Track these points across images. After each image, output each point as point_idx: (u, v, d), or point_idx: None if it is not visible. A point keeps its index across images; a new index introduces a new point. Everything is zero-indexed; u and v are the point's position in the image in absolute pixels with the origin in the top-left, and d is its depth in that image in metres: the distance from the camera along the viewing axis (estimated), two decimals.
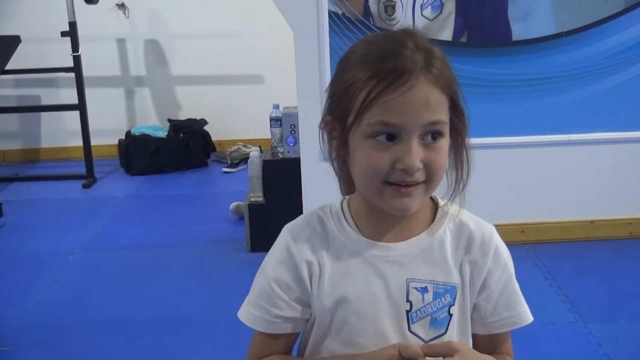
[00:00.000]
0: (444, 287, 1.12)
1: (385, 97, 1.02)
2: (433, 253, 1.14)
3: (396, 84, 1.02)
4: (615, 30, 3.56)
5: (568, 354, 2.69)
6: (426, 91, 1.03)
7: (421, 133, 1.04)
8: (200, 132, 5.80)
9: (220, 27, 5.90)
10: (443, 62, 1.07)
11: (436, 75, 1.04)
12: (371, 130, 1.04)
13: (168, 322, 3.03)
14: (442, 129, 1.06)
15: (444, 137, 1.07)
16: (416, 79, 1.03)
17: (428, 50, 1.06)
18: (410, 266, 1.13)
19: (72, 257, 3.82)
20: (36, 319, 3.12)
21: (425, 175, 1.06)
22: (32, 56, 5.63)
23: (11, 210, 4.62)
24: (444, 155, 1.08)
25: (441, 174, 1.09)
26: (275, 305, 1.14)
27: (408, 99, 1.02)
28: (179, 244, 3.97)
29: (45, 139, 6.13)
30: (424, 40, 1.08)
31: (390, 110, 1.03)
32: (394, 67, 1.03)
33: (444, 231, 1.16)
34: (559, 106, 3.60)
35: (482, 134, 3.55)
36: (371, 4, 3.52)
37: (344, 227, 1.16)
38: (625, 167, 3.66)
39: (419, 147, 1.04)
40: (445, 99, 1.06)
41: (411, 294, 1.12)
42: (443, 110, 1.06)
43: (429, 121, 1.04)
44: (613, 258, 3.55)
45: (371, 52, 1.06)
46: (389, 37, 1.09)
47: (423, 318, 1.12)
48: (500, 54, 3.59)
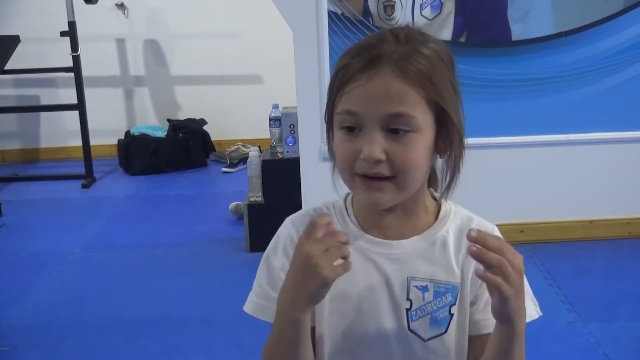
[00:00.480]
0: (445, 287, 1.12)
1: (351, 86, 1.04)
2: (435, 252, 1.14)
3: (361, 74, 1.04)
4: (614, 30, 3.56)
5: (567, 353, 2.69)
6: (389, 82, 1.03)
7: (383, 124, 1.03)
8: (200, 132, 5.80)
9: (220, 27, 5.90)
10: (428, 59, 1.05)
11: (410, 70, 1.03)
12: (340, 119, 1.07)
13: (167, 321, 3.03)
14: (407, 123, 1.04)
15: (415, 132, 1.05)
16: (381, 69, 1.03)
17: (413, 46, 1.05)
18: (411, 264, 1.13)
19: (71, 257, 3.82)
20: (35, 319, 3.12)
21: (392, 170, 1.05)
22: (32, 56, 5.63)
23: (10, 210, 4.61)
24: (414, 151, 1.05)
25: (412, 169, 1.06)
26: None
27: (368, 89, 1.03)
28: (178, 244, 3.97)
29: (45, 139, 6.13)
30: (415, 36, 1.07)
31: (353, 99, 1.04)
32: (364, 58, 1.04)
33: (447, 230, 1.15)
34: (558, 106, 3.60)
35: (481, 134, 3.56)
36: (370, 3, 3.52)
37: (346, 223, 1.16)
38: (625, 167, 3.66)
39: (381, 138, 1.03)
40: (419, 94, 1.04)
41: (412, 292, 1.12)
42: (411, 105, 1.04)
43: (388, 113, 1.03)
44: (612, 258, 3.55)
45: (354, 46, 1.08)
46: (377, 32, 1.11)
47: (423, 317, 1.12)
48: (500, 53, 3.59)
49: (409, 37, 1.07)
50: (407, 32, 1.08)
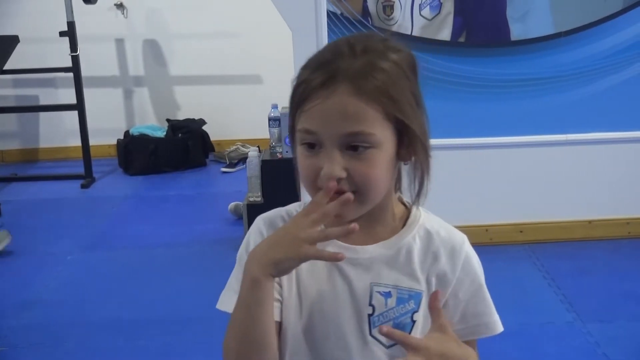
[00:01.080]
0: (408, 293, 1.11)
1: (309, 104, 1.04)
2: (399, 258, 1.13)
3: (319, 92, 1.03)
4: (613, 30, 3.56)
5: (566, 353, 2.69)
6: (345, 101, 1.02)
7: (341, 143, 1.03)
8: (199, 132, 5.80)
9: (219, 27, 5.90)
10: (387, 74, 1.04)
11: (366, 87, 1.02)
12: (300, 137, 1.06)
13: (167, 321, 3.03)
14: (365, 140, 1.03)
15: (375, 148, 1.04)
16: (337, 88, 1.02)
17: (370, 59, 1.04)
18: (375, 270, 1.12)
19: (70, 257, 3.82)
20: (35, 319, 3.12)
21: (353, 186, 1.04)
22: (31, 56, 5.63)
23: (10, 211, 4.61)
24: (374, 167, 1.04)
25: (374, 185, 1.05)
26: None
27: (326, 108, 1.02)
28: (178, 243, 3.97)
29: (44, 139, 6.13)
30: (372, 47, 1.06)
31: (311, 118, 1.04)
32: (321, 74, 1.03)
33: (413, 237, 1.14)
34: (558, 106, 3.61)
35: (480, 134, 3.56)
36: (370, 3, 3.52)
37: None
38: (624, 167, 3.67)
39: (340, 156, 1.03)
40: (376, 111, 1.03)
41: (374, 298, 1.11)
42: (369, 122, 1.02)
43: (346, 132, 1.02)
44: (611, 258, 3.55)
45: (313, 58, 1.08)
46: (333, 44, 1.09)
47: (385, 323, 1.11)
48: (499, 54, 3.59)
49: (367, 48, 1.05)
50: (365, 44, 1.06)
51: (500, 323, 1.18)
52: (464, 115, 3.57)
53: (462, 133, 3.56)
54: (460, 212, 3.55)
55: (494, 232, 3.69)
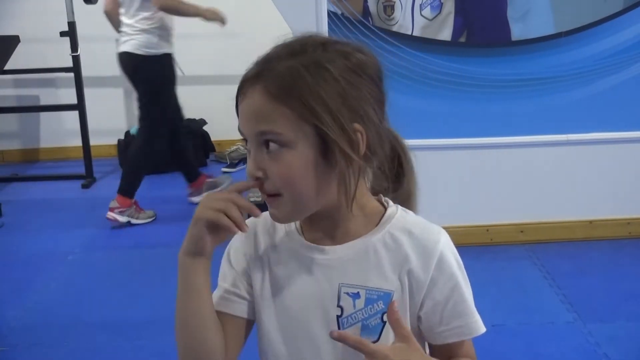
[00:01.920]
0: (377, 294, 1.09)
1: (239, 101, 1.09)
2: (368, 258, 1.11)
3: (243, 89, 1.07)
4: (614, 30, 3.56)
5: (567, 353, 2.69)
6: (259, 100, 1.04)
7: (257, 141, 1.06)
8: (200, 132, 5.79)
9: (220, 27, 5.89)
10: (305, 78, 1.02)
11: (276, 88, 1.03)
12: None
13: (168, 322, 3.00)
14: (275, 140, 1.04)
15: (288, 148, 1.03)
16: (255, 87, 1.05)
17: (293, 64, 1.04)
18: (343, 270, 1.10)
19: (71, 257, 3.82)
20: (35, 319, 3.12)
21: (273, 187, 1.07)
22: (31, 56, 5.63)
23: (10, 211, 4.61)
24: (288, 167, 1.04)
25: (293, 185, 1.05)
26: (232, 284, 1.18)
27: (245, 106, 1.07)
28: (179, 244, 3.92)
29: (45, 139, 6.13)
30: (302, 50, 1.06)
31: (239, 117, 1.09)
32: (249, 74, 1.07)
33: (383, 236, 1.11)
34: (558, 106, 3.60)
35: (481, 134, 3.56)
36: (370, 4, 3.52)
37: (291, 229, 1.17)
38: (625, 167, 3.66)
39: (258, 155, 1.06)
40: (286, 112, 1.02)
41: (342, 299, 1.10)
42: (277, 122, 1.03)
43: (257, 131, 1.05)
44: (612, 258, 3.55)
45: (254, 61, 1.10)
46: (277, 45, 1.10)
47: (354, 324, 1.09)
48: (499, 54, 3.59)
49: (295, 51, 1.06)
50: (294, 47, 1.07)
51: (481, 323, 1.14)
52: (464, 115, 3.56)
53: (462, 133, 3.55)
54: (460, 212, 3.56)
55: (494, 232, 3.69)
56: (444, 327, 1.11)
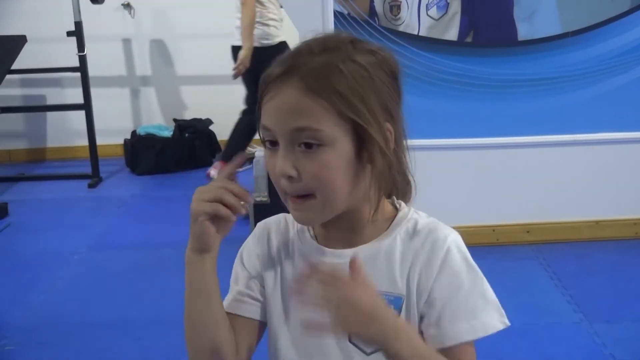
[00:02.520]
0: (387, 298, 1.05)
1: (265, 99, 1.03)
2: (379, 262, 1.08)
3: (272, 87, 1.02)
4: (621, 30, 3.55)
5: (573, 354, 2.69)
6: (294, 96, 1.00)
7: (292, 139, 1.01)
8: (206, 132, 5.80)
9: (226, 26, 5.88)
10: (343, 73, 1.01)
11: (315, 82, 1.00)
12: (262, 134, 1.06)
13: (173, 321, 3.01)
14: (314, 137, 1.00)
15: (326, 146, 1.00)
16: (289, 82, 1.01)
17: (327, 58, 1.02)
18: None
19: (77, 257, 3.83)
20: (41, 319, 3.12)
21: (306, 187, 1.02)
22: (38, 56, 5.64)
23: (17, 210, 4.62)
24: (325, 166, 1.01)
25: (328, 185, 1.02)
26: (246, 285, 1.17)
27: (277, 102, 1.02)
28: (184, 243, 3.92)
29: (51, 138, 6.15)
30: (335, 45, 1.04)
31: (267, 113, 1.03)
32: (279, 70, 1.03)
33: (394, 239, 1.09)
34: (565, 106, 3.60)
35: (487, 134, 3.55)
36: (376, 3, 3.52)
37: (304, 232, 1.15)
38: (631, 168, 3.65)
39: (292, 153, 1.01)
40: (326, 108, 1.00)
41: None
42: (317, 118, 0.99)
43: (293, 127, 1.00)
44: (619, 258, 3.54)
45: (278, 57, 1.06)
46: (301, 43, 1.07)
47: None
48: (506, 54, 3.58)
49: (327, 47, 1.04)
50: (326, 43, 1.04)
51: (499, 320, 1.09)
52: (470, 116, 3.56)
53: (469, 133, 3.55)
54: (467, 212, 3.55)
55: (500, 232, 3.68)
56: (436, 331, 1.05)
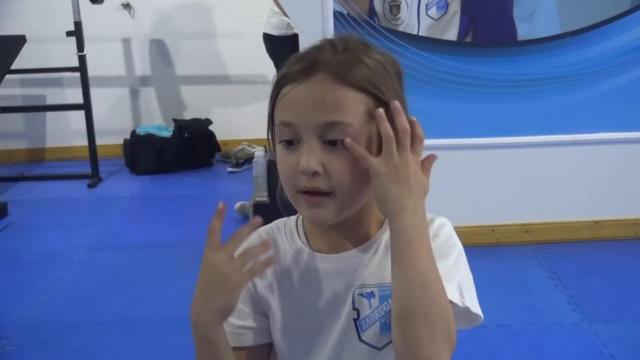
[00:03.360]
0: (389, 289, 1.02)
1: (286, 94, 1.01)
2: (377, 256, 1.08)
3: (296, 81, 1.00)
4: (620, 30, 3.55)
5: (573, 354, 2.69)
6: (324, 89, 0.98)
7: (319, 134, 0.99)
8: (205, 132, 5.80)
9: (225, 27, 5.90)
10: (369, 67, 1.01)
11: (347, 75, 0.99)
12: (278, 132, 1.04)
13: (173, 321, 3.03)
14: (344, 132, 0.98)
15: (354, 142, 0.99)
16: (316, 76, 0.99)
17: (352, 54, 1.02)
18: (355, 274, 1.08)
19: (77, 257, 3.83)
20: (41, 318, 3.12)
21: (329, 185, 1.00)
22: (38, 56, 5.63)
23: (16, 210, 4.62)
24: (354, 164, 0.99)
25: (351, 182, 1.00)
26: (237, 316, 1.11)
27: (303, 96, 1.00)
28: (184, 243, 3.97)
29: (51, 138, 6.14)
30: (354, 45, 1.04)
31: (288, 108, 1.01)
32: (301, 66, 1.01)
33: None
34: (565, 106, 3.60)
35: (486, 134, 3.55)
36: (376, 3, 3.52)
37: (295, 241, 1.14)
38: (631, 168, 3.65)
39: (318, 149, 0.99)
40: (361, 101, 0.99)
41: (357, 302, 1.07)
42: (348, 112, 0.98)
43: (324, 121, 0.98)
44: (618, 258, 3.54)
45: (294, 55, 1.05)
46: (319, 42, 1.06)
47: (372, 325, 1.07)
48: (506, 53, 3.58)
49: (348, 46, 1.03)
50: (346, 42, 1.04)
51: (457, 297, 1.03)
52: (470, 116, 3.56)
53: (468, 133, 3.55)
54: (466, 212, 3.55)
55: (500, 232, 3.68)
56: None
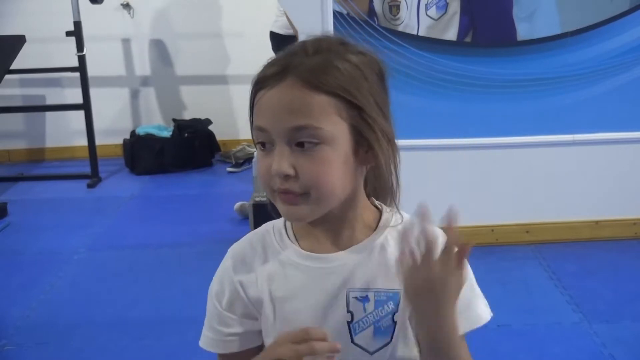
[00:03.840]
0: (385, 294, 1.07)
1: (259, 99, 1.03)
2: (372, 260, 1.09)
3: (268, 86, 1.02)
4: (620, 30, 3.55)
5: (573, 354, 2.69)
6: (292, 94, 1.00)
7: (289, 138, 1.00)
8: (205, 132, 5.80)
9: (225, 27, 5.91)
10: (340, 70, 1.01)
11: (315, 79, 1.00)
12: (255, 135, 1.05)
13: (173, 321, 3.04)
14: (313, 135, 1.00)
15: (324, 144, 1.00)
16: (285, 81, 1.00)
17: (323, 57, 1.02)
18: (349, 276, 1.09)
19: (76, 257, 3.83)
20: (41, 318, 3.12)
21: (302, 186, 1.01)
22: (37, 56, 5.64)
23: (16, 210, 4.62)
24: (323, 165, 1.01)
25: (325, 184, 1.01)
26: (225, 324, 1.14)
27: (273, 101, 1.01)
28: (183, 243, 3.97)
29: (50, 138, 6.14)
30: (327, 46, 1.04)
31: (261, 114, 1.03)
32: (272, 71, 1.02)
33: (385, 238, 1.11)
34: (564, 106, 3.60)
35: (486, 134, 3.55)
36: (376, 3, 3.52)
37: (284, 242, 1.14)
38: (631, 168, 3.65)
39: (288, 152, 1.00)
40: (330, 104, 1.00)
41: (352, 304, 1.08)
42: (317, 116, 0.99)
43: (292, 126, 0.99)
44: (618, 258, 3.54)
45: (270, 59, 1.06)
46: (293, 44, 1.07)
47: (366, 328, 1.08)
48: (505, 54, 3.58)
49: (320, 48, 1.04)
50: (320, 44, 1.05)
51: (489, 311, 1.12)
52: (470, 116, 3.56)
53: (468, 133, 3.55)
54: (466, 212, 3.53)
55: (500, 232, 3.68)
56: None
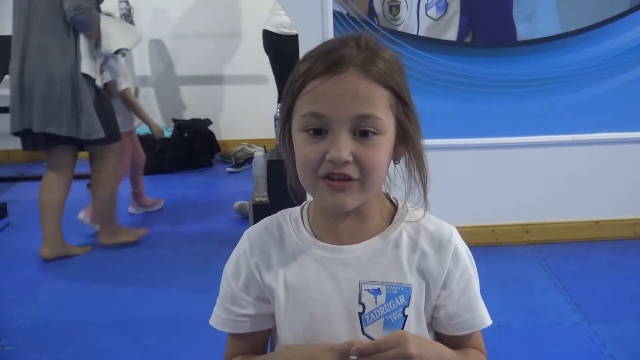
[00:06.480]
0: (397, 288, 1.12)
1: (315, 87, 1.04)
2: (386, 254, 1.13)
3: (326, 75, 1.04)
4: (620, 30, 3.56)
5: (573, 354, 2.68)
6: (357, 83, 1.03)
7: (351, 126, 1.04)
8: (205, 132, 5.80)
9: (225, 27, 5.91)
10: (389, 63, 1.07)
11: (375, 71, 1.05)
12: (303, 122, 1.06)
13: (172, 321, 3.03)
14: (374, 124, 1.05)
15: (381, 135, 1.06)
16: (348, 71, 1.04)
17: (373, 51, 1.07)
18: (363, 268, 1.12)
19: (76, 257, 3.82)
20: (40, 319, 3.12)
21: (359, 172, 1.05)
22: None
23: (16, 210, 4.62)
24: (380, 153, 1.06)
25: (378, 171, 1.07)
26: (238, 304, 1.18)
27: (336, 90, 1.03)
28: (183, 243, 3.97)
29: None
30: (372, 43, 1.09)
31: (319, 100, 1.04)
32: (328, 60, 1.05)
33: (400, 233, 1.15)
34: (564, 106, 3.60)
35: (486, 134, 3.55)
36: (376, 4, 3.52)
37: (300, 231, 1.17)
38: (631, 168, 3.65)
39: (348, 139, 1.04)
40: (386, 96, 1.06)
41: (364, 296, 1.11)
42: (378, 106, 1.05)
43: (358, 114, 1.03)
44: (618, 258, 3.54)
45: (316, 49, 1.08)
46: (337, 38, 1.11)
47: (376, 320, 1.11)
48: (505, 54, 3.58)
49: (369, 44, 1.08)
50: (368, 39, 1.09)
51: (487, 315, 1.19)
52: (470, 116, 3.56)
53: (468, 133, 3.55)
54: (466, 212, 3.55)
55: (500, 232, 3.68)
56: (456, 320, 1.16)
